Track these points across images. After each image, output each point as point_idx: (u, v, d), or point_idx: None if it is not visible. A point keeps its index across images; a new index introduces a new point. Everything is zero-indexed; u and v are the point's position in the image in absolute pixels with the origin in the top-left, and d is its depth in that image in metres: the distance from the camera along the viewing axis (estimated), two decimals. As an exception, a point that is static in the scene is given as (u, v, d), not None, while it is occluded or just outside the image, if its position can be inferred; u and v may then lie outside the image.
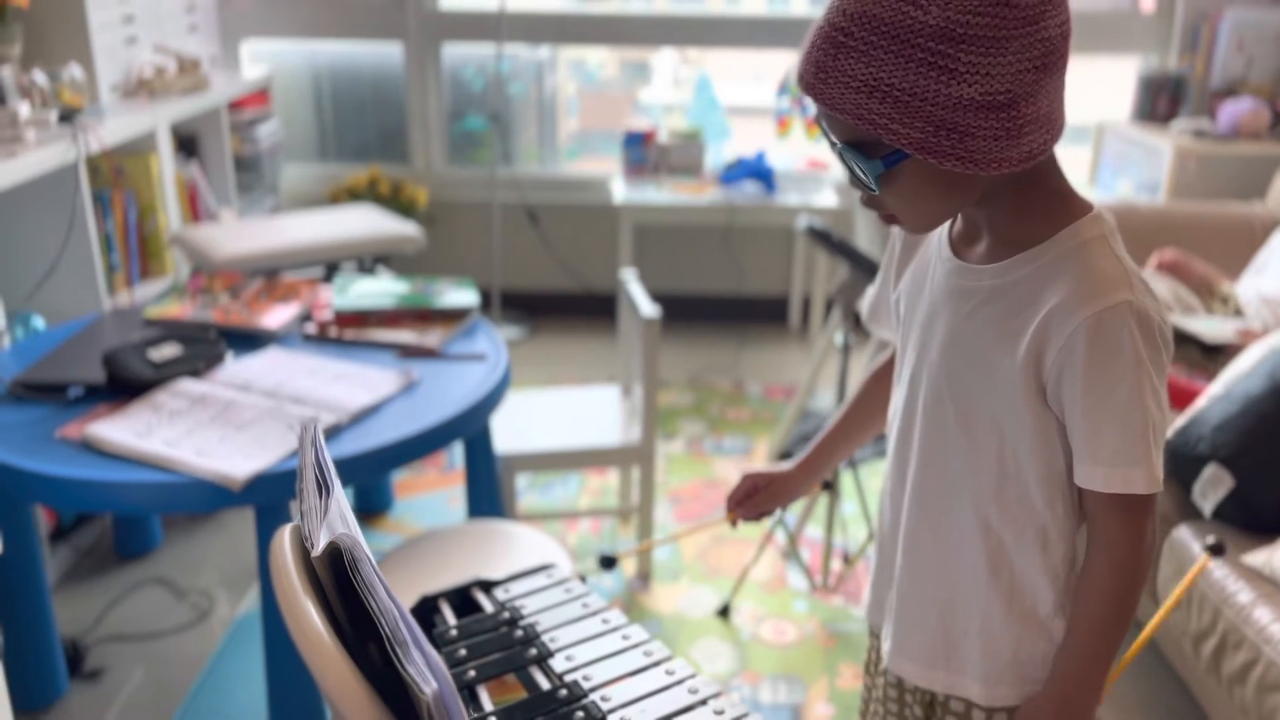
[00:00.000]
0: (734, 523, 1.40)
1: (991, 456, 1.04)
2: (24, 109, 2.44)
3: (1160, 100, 3.68)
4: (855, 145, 0.92)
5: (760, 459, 3.16)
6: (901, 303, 1.15)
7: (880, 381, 1.30)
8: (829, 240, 2.34)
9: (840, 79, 0.88)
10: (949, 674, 1.15)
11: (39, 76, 2.62)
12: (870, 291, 1.27)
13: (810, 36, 0.91)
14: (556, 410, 2.61)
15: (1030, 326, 0.97)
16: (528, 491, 2.97)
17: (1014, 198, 0.98)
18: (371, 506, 2.85)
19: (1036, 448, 1.02)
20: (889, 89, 0.86)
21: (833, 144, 0.96)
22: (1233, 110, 3.45)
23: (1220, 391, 2.01)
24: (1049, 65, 0.88)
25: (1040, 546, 1.06)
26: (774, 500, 1.37)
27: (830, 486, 2.48)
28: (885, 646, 1.22)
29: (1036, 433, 1.01)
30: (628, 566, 2.63)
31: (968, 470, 1.06)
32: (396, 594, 0.84)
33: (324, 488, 0.91)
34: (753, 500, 1.37)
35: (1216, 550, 1.32)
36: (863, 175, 0.94)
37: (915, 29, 0.84)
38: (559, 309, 4.29)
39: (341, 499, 0.90)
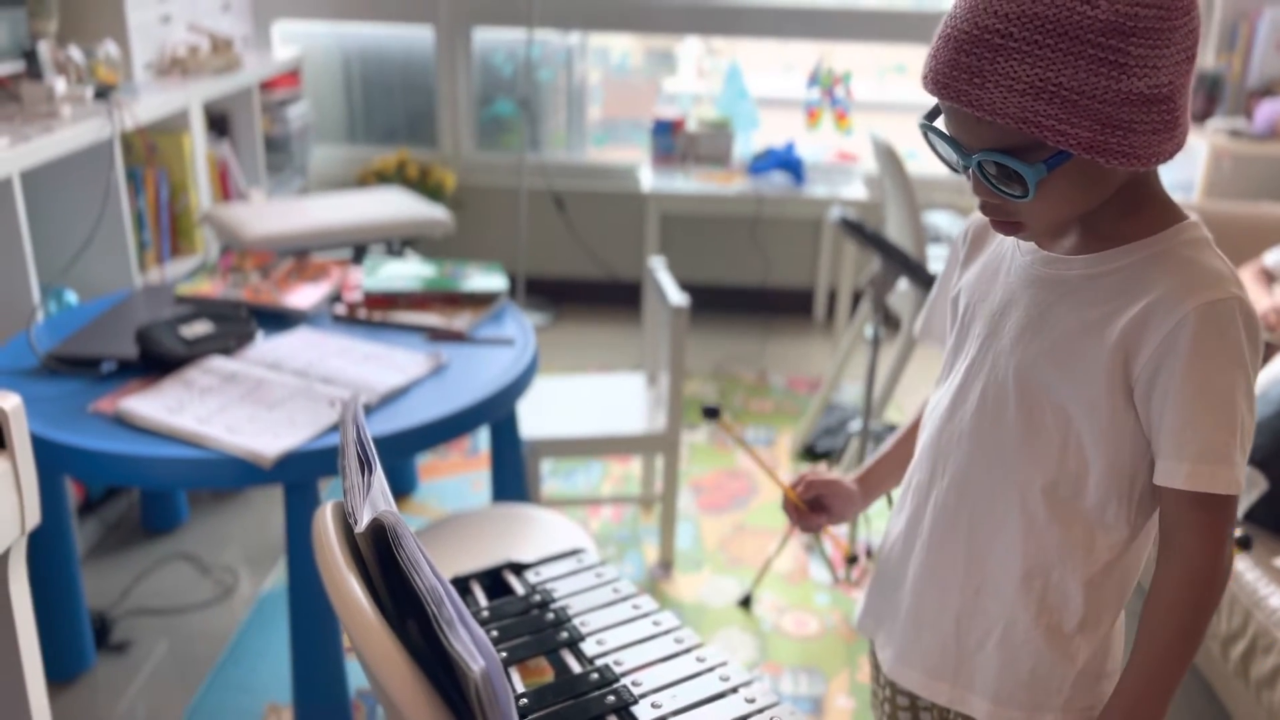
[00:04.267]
0: (790, 508, 1.29)
1: (1054, 449, 1.01)
2: (60, 85, 2.46)
3: (1196, 99, 3.64)
4: (1007, 151, 0.89)
5: (784, 450, 3.15)
6: (963, 296, 1.11)
7: None
8: (862, 232, 2.33)
9: (1002, 83, 0.85)
10: (954, 687, 1.11)
11: (75, 53, 2.63)
12: (925, 307, 1.22)
13: (949, 41, 0.88)
14: (581, 397, 2.62)
15: (1126, 315, 0.94)
16: (550, 477, 2.98)
17: (1122, 197, 0.96)
18: (395, 489, 2.86)
19: (1105, 442, 0.98)
20: (1057, 89, 0.84)
21: (965, 152, 0.92)
22: (1270, 110, 3.41)
23: (1256, 393, 1.99)
24: (1194, 55, 0.89)
25: (1084, 550, 1.02)
26: (829, 489, 1.28)
27: (854, 561, 2.49)
28: (886, 653, 1.18)
29: (1110, 425, 0.98)
30: (649, 554, 2.63)
31: (1023, 462, 1.02)
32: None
33: (366, 465, 0.91)
34: (811, 481, 1.29)
35: (1244, 545, 1.30)
36: (1012, 183, 0.91)
37: (1085, 25, 0.83)
38: (584, 296, 4.29)
39: (382, 476, 0.91)
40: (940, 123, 0.94)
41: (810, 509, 1.30)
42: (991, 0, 0.85)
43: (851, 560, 2.46)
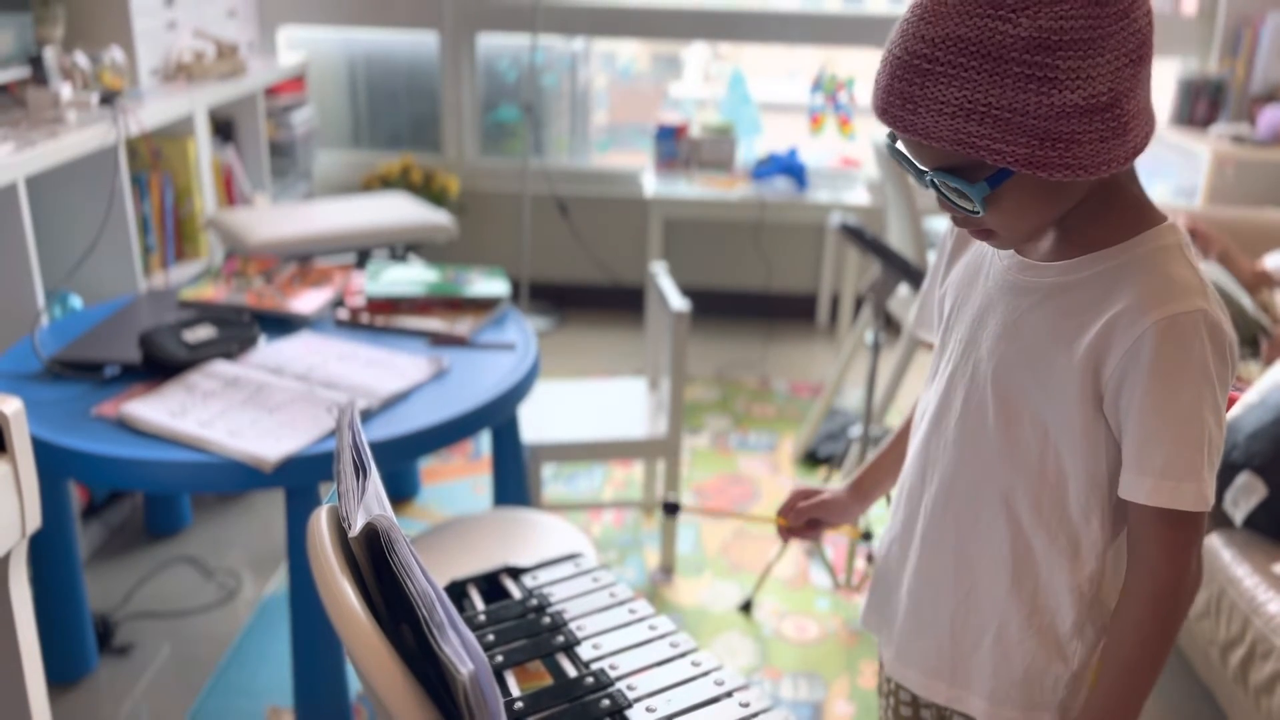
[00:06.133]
0: (784, 532, 1.35)
1: (1033, 458, 1.01)
2: (66, 90, 2.48)
3: (1199, 104, 3.64)
4: (952, 170, 0.90)
5: (785, 456, 3.16)
6: (948, 297, 1.12)
7: None
8: (862, 238, 2.33)
9: (932, 107, 0.85)
10: (952, 686, 1.12)
11: (81, 59, 2.65)
12: (917, 299, 1.25)
13: (885, 68, 0.89)
14: (583, 401, 2.62)
15: (1093, 326, 0.94)
16: (552, 481, 2.98)
17: (1094, 201, 0.95)
18: (398, 492, 2.86)
19: (1081, 452, 0.99)
20: (986, 109, 0.83)
21: (921, 172, 0.93)
22: (1273, 116, 3.41)
23: (1256, 399, 1.99)
24: (1143, 56, 0.87)
25: (1069, 558, 1.03)
26: (821, 510, 1.33)
27: (869, 537, 2.46)
28: (888, 652, 1.19)
29: (1084, 436, 0.98)
30: (650, 558, 2.63)
31: (1005, 471, 1.03)
32: (430, 577, 0.85)
33: (361, 470, 0.92)
34: (802, 506, 1.33)
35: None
36: (964, 200, 0.91)
37: (1007, 44, 0.82)
38: (587, 301, 4.30)
39: (378, 481, 0.91)
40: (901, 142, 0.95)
41: (804, 526, 1.34)
42: (919, 25, 0.86)
43: (867, 537, 2.39)
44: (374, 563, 0.88)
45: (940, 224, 3.41)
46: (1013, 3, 0.82)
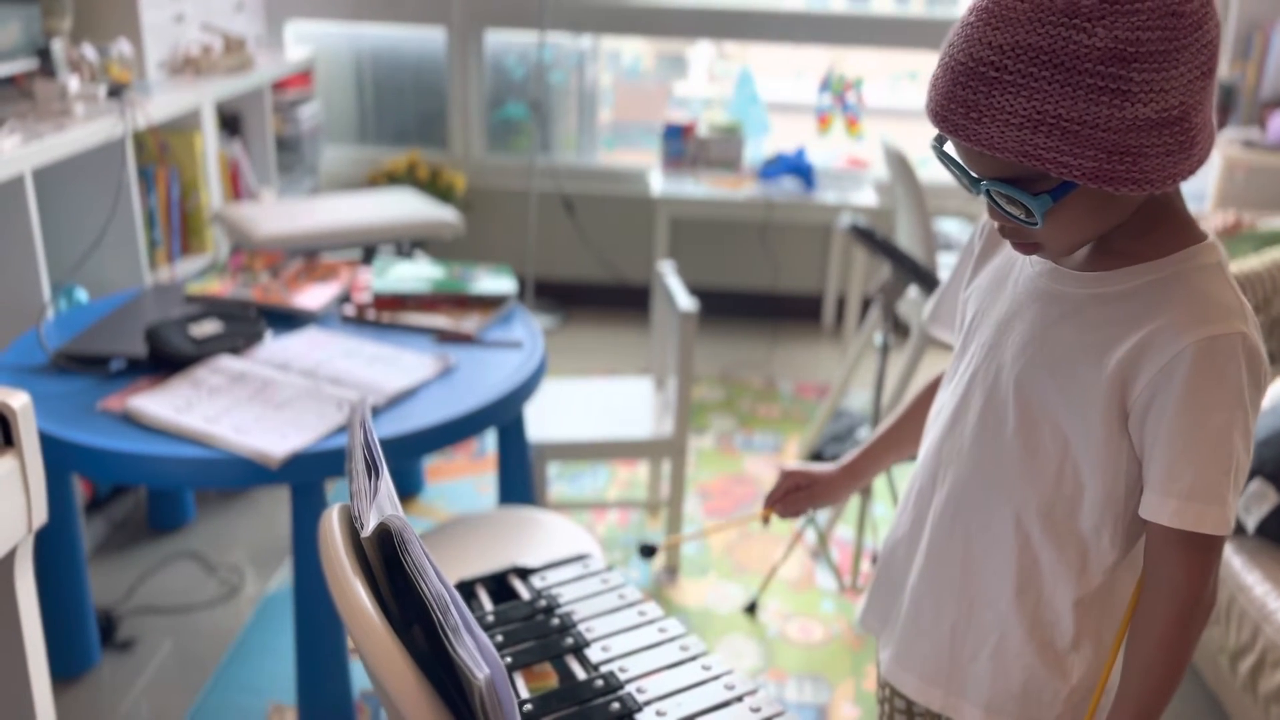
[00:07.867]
0: (766, 519, 1.37)
1: (1050, 469, 1.00)
2: (73, 83, 2.47)
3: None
4: (1012, 181, 0.87)
5: (791, 457, 3.15)
6: (972, 300, 1.10)
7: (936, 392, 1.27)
8: (872, 239, 2.32)
9: (998, 116, 0.82)
10: (948, 694, 1.11)
11: (88, 51, 2.64)
12: (935, 295, 1.23)
13: (946, 71, 0.86)
14: (589, 401, 2.61)
15: (1126, 341, 0.92)
16: (557, 480, 2.97)
17: (1139, 214, 0.93)
18: (402, 490, 2.85)
19: (1100, 467, 0.97)
20: (1056, 120, 0.80)
21: (974, 180, 0.90)
22: (1284, 121, 3.40)
23: (1267, 406, 1.98)
24: (1212, 69, 0.84)
25: (1077, 572, 1.02)
26: (812, 500, 1.34)
27: (865, 491, 2.46)
28: (885, 654, 1.18)
29: (1104, 451, 0.96)
30: (657, 559, 2.62)
31: (1019, 480, 1.02)
32: (441, 578, 0.84)
33: (373, 469, 0.91)
34: (791, 498, 1.34)
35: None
36: (1021, 211, 0.89)
37: (1081, 54, 0.79)
38: (592, 299, 4.29)
39: (389, 480, 0.90)
40: (950, 146, 0.92)
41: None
42: (985, 30, 0.82)
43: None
44: (386, 563, 0.87)
45: (950, 225, 3.40)
46: (1089, 12, 0.79)
